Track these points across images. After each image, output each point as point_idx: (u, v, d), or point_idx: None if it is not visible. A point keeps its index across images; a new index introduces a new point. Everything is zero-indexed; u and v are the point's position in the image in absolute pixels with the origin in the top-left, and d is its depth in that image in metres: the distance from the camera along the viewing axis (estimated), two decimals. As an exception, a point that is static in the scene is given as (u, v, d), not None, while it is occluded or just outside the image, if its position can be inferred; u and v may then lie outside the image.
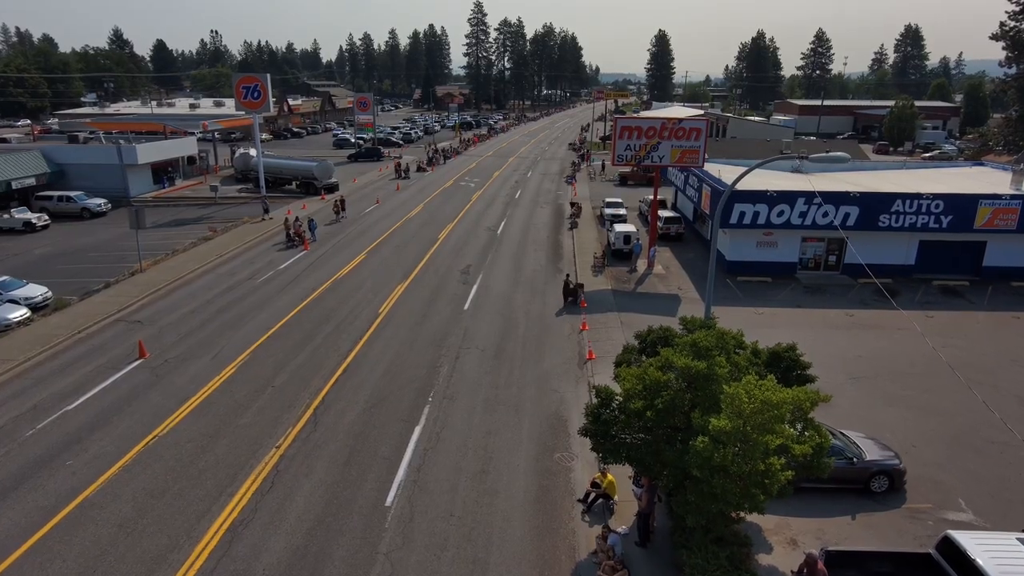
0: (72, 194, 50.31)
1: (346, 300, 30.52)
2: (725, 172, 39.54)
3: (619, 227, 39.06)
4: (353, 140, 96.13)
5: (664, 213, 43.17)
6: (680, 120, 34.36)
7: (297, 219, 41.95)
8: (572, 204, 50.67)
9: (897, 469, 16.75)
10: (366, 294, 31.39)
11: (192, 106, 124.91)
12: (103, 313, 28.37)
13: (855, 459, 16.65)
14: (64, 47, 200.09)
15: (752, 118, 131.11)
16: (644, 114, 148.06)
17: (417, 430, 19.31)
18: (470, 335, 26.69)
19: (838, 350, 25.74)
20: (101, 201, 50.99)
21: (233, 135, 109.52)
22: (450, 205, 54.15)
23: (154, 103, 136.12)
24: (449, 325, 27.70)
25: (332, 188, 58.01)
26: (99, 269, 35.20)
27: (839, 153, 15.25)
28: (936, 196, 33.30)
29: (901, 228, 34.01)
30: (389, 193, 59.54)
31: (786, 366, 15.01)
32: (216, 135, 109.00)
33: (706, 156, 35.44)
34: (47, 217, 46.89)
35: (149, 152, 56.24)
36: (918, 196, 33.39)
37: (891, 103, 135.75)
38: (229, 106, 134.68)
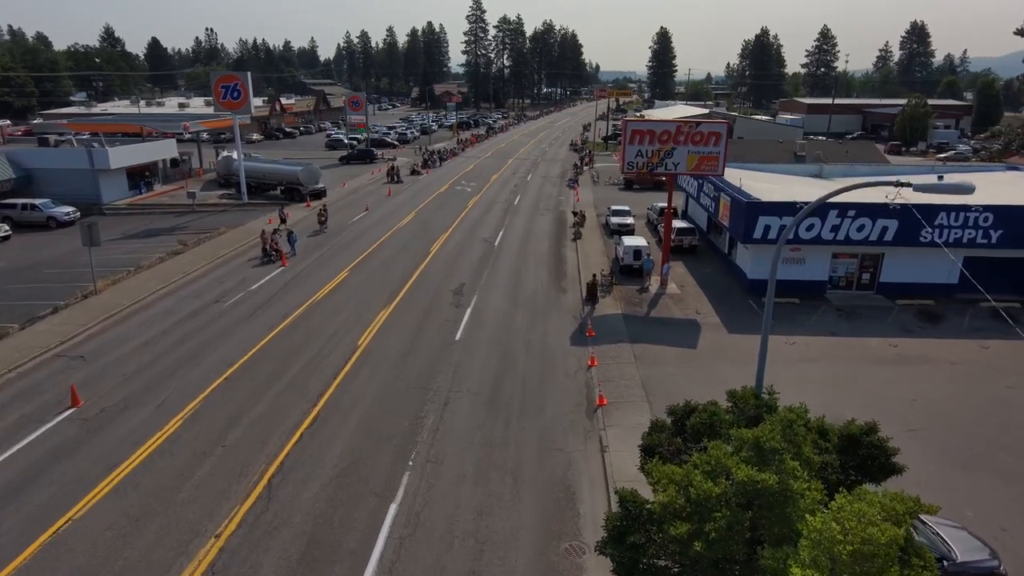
0: (37, 202, 46.67)
1: (322, 328, 26.95)
2: (745, 179, 35.97)
3: (628, 241, 35.49)
4: (346, 141, 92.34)
5: (676, 223, 39.58)
6: (698, 123, 30.79)
7: (276, 231, 38.33)
8: (575, 213, 47.06)
9: (997, 573, 13.24)
10: (345, 320, 27.82)
11: (181, 105, 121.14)
12: (42, 346, 24.79)
13: (945, 561, 13.13)
14: (59, 46, 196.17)
15: (758, 117, 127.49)
16: (648, 114, 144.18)
17: (392, 508, 15.76)
18: (461, 373, 23.12)
19: (887, 392, 22.19)
20: (69, 209, 47.37)
21: (223, 135, 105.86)
22: (444, 212, 50.58)
23: (143, 102, 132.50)
24: (437, 360, 24.12)
25: (319, 194, 54.43)
26: (52, 290, 31.60)
27: (960, 182, 11.54)
28: (986, 208, 29.74)
29: (945, 243, 30.44)
30: (380, 199, 55.94)
31: (865, 454, 11.46)
32: (205, 135, 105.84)
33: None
34: (7, 228, 43.28)
35: (123, 155, 52.62)
36: (965, 208, 29.83)
37: (900, 101, 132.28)
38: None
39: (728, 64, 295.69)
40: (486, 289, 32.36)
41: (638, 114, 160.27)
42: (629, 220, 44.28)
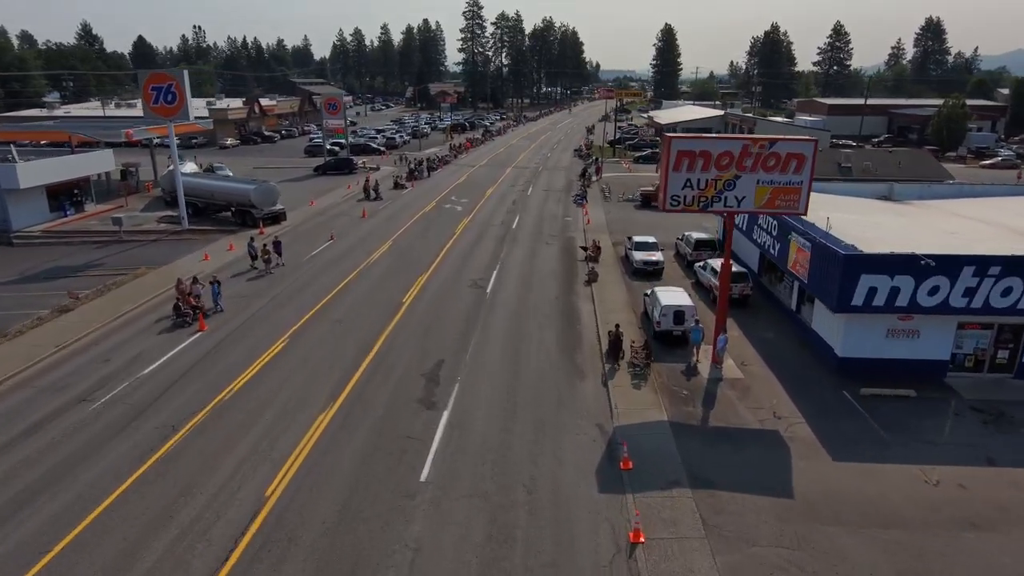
0: (-81, 232, 37.59)
1: (216, 461, 17.76)
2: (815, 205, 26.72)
3: (665, 296, 26.28)
4: (329, 147, 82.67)
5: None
6: (772, 141, 21.63)
7: (196, 280, 29.00)
8: (585, 247, 37.89)
9: None
10: (255, 444, 18.60)
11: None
12: None
13: None
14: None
15: (776, 119, 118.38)
16: (655, 115, 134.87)
17: None
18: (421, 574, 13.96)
19: None
20: (-38, 240, 38.37)
21: (194, 140, 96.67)
22: (427, 241, 41.40)
23: (113, 103, 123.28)
24: (383, 542, 14.92)
25: (276, 217, 45.21)
26: None
27: None
28: None
29: (1126, 313, 21.37)
30: (351, 222, 46.73)
31: None
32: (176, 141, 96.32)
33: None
34: None
35: (37, 172, 43.29)
36: None
37: (927, 102, 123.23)
38: (198, 106, 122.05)
39: (732, 62, 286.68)
40: (472, 373, 23.18)
41: (645, 115, 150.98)
42: (657, 256, 35.13)
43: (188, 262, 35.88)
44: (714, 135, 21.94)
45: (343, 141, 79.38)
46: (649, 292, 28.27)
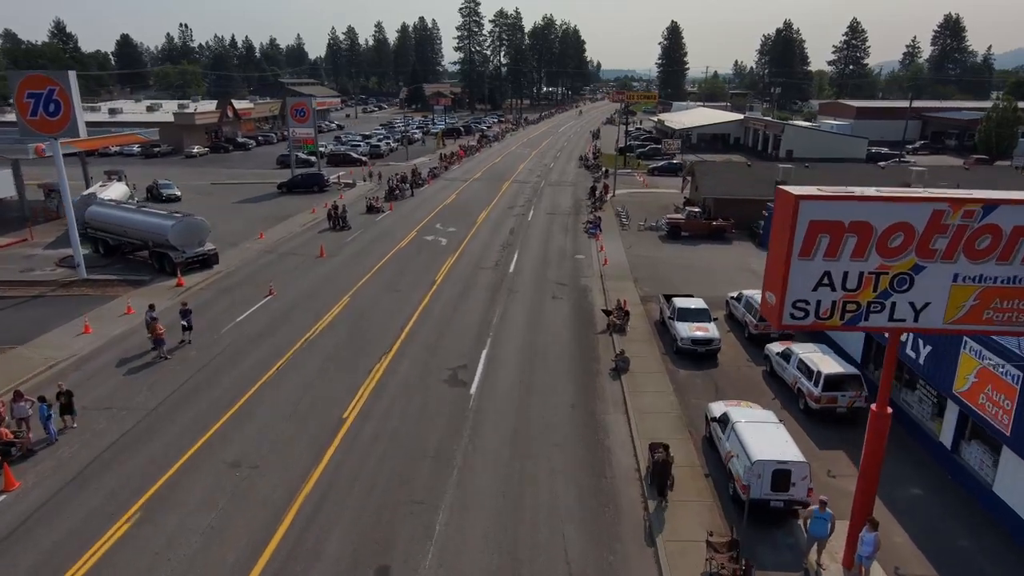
0: None
1: None
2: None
3: (752, 438, 16.10)
4: (304, 157, 72.40)
5: (826, 364, 20.43)
6: (989, 205, 11.66)
7: (19, 397, 18.86)
8: (608, 312, 27.98)
9: None
10: None
11: (112, 112, 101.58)
12: None
13: None
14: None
15: (799, 123, 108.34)
16: (665, 118, 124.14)
17: None
18: None
19: None
20: None
21: (156, 149, 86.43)
22: (396, 297, 31.41)
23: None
24: None
25: (206, 260, 35.13)
26: None
27: None
28: None
29: None
30: (304, 265, 36.68)
31: None
32: (137, 149, 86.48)
33: None
34: None
35: None
36: None
37: (959, 104, 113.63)
38: (168, 109, 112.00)
39: (737, 61, 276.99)
40: (435, 602, 13.24)
41: (653, 118, 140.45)
42: (710, 331, 25.04)
43: (58, 336, 25.92)
44: (875, 191, 11.80)
45: (316, 151, 69.29)
46: (719, 416, 18.22)
